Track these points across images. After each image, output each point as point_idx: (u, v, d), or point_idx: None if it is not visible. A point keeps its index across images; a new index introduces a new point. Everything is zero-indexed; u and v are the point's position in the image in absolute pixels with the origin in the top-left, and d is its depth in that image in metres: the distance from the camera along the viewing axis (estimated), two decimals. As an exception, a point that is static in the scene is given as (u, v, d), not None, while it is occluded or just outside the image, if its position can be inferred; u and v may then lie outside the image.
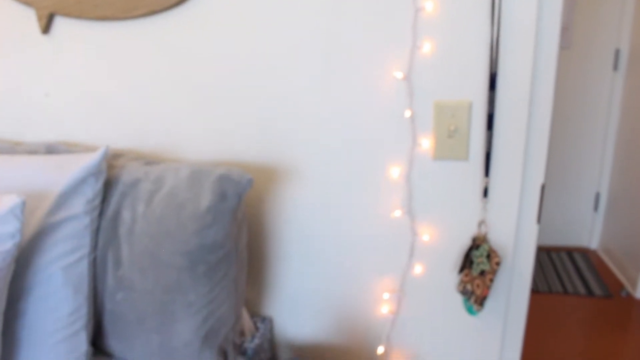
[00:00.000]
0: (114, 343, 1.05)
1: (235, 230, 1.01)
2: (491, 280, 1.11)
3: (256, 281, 1.29)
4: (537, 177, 1.13)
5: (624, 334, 2.45)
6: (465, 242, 1.16)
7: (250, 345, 1.18)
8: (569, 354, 2.33)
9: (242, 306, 1.09)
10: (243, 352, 1.18)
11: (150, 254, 0.98)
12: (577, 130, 3.04)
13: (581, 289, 2.73)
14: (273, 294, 1.29)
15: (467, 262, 1.16)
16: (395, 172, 1.14)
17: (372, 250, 1.20)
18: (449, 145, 1.11)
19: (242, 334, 1.20)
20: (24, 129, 1.32)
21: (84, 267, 0.99)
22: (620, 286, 2.80)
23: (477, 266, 1.14)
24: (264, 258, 1.27)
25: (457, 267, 1.18)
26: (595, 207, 3.12)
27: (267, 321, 1.27)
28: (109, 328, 1.04)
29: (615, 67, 2.92)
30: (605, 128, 3.01)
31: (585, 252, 3.13)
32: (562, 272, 2.88)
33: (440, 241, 1.17)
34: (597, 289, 2.73)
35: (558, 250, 3.17)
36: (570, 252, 3.12)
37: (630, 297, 2.71)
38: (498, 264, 1.11)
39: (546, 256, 3.08)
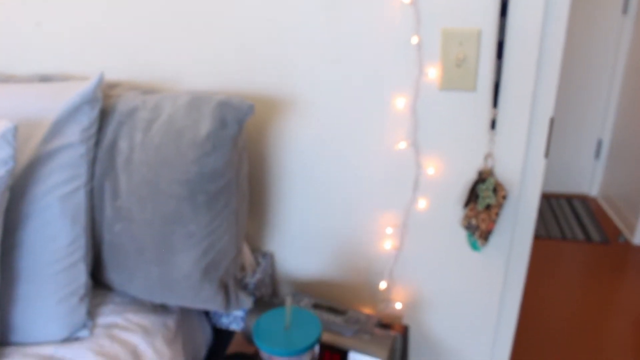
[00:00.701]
0: (113, 275, 1.04)
1: (236, 159, 0.98)
2: (497, 214, 1.09)
3: (257, 216, 1.27)
4: (547, 110, 1.10)
5: (621, 279, 2.47)
6: (470, 176, 1.14)
7: (251, 280, 1.17)
8: (565, 298, 2.35)
9: (243, 239, 1.08)
10: (244, 287, 1.17)
11: (148, 184, 0.96)
12: (582, 75, 2.98)
13: (579, 235, 2.74)
14: (274, 229, 1.28)
15: (472, 196, 1.14)
16: (401, 102, 1.10)
17: (376, 184, 1.18)
18: (457, 74, 1.07)
19: (242, 268, 1.19)
20: (14, 62, 1.27)
21: (81, 198, 0.96)
22: (618, 232, 2.80)
23: (482, 200, 1.12)
24: (265, 192, 1.24)
25: (462, 202, 1.16)
26: (597, 154, 3.09)
27: (268, 256, 1.26)
28: (108, 260, 1.02)
29: (625, 10, 2.84)
30: (611, 73, 2.95)
31: (584, 199, 3.13)
32: (561, 218, 2.88)
33: (445, 175, 1.14)
34: (595, 235, 2.73)
35: (557, 197, 3.16)
36: (569, 199, 3.12)
37: (627, 243, 2.72)
38: (505, 197, 1.09)
39: (545, 202, 3.08)
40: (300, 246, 1.28)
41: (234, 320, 1.21)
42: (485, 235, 1.11)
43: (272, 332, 0.89)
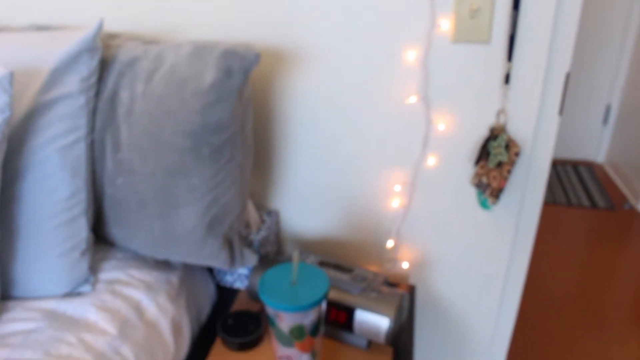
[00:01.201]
0: (115, 231, 1.01)
1: (241, 112, 0.95)
2: (509, 172, 1.07)
3: (262, 172, 1.24)
4: (563, 65, 1.06)
5: (625, 245, 2.45)
6: (482, 133, 1.11)
7: (256, 237, 1.15)
8: (570, 263, 2.34)
9: (248, 195, 1.05)
10: (249, 244, 1.15)
11: (150, 136, 0.93)
12: (592, 39, 2.92)
13: (585, 201, 2.72)
14: (279, 186, 1.25)
15: (483, 153, 1.11)
16: (411, 55, 1.06)
17: (385, 140, 1.15)
18: (471, 26, 1.03)
19: (247, 226, 1.17)
20: (8, 14, 1.22)
21: (81, 150, 0.93)
22: (624, 199, 2.78)
23: (494, 157, 1.09)
24: (271, 148, 1.21)
25: (473, 159, 1.13)
26: (605, 120, 3.05)
27: (274, 214, 1.24)
28: (109, 215, 1.00)
29: (636, -29, 2.77)
30: (622, 37, 2.89)
31: (590, 166, 3.09)
32: (567, 185, 2.85)
33: (455, 131, 1.11)
34: (600, 202, 2.71)
35: (563, 163, 3.13)
36: (575, 165, 3.09)
37: (633, 210, 2.69)
38: (517, 154, 1.06)
39: (551, 168, 3.05)
40: (305, 204, 1.25)
41: (238, 278, 1.19)
42: (496, 193, 1.08)
43: (278, 288, 0.87)
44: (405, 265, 1.26)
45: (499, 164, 1.07)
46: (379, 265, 1.28)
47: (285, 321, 0.86)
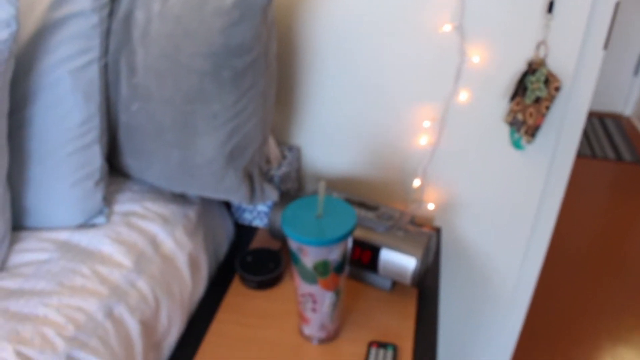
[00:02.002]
0: (130, 161, 0.97)
1: (265, 34, 0.88)
2: (547, 108, 1.00)
3: (283, 105, 1.18)
4: (611, -8, 0.98)
5: (650, 200, 2.39)
6: (519, 67, 1.03)
7: (276, 173, 1.10)
8: (593, 216, 2.29)
9: (270, 126, 1.00)
10: (269, 180, 1.10)
11: (168, 58, 0.86)
12: (625, -15, 2.78)
13: (610, 154, 2.64)
14: (301, 121, 1.19)
15: (519, 88, 1.04)
16: (448, -22, 0.99)
17: (415, 72, 1.08)
18: (514, -54, 0.94)
19: (267, 161, 1.12)
20: None
21: (94, 73, 0.88)
22: (651, 153, 2.70)
23: (531, 93, 1.02)
24: (293, 78, 1.15)
25: (508, 95, 1.06)
26: (636, 71, 2.93)
27: (295, 150, 1.18)
28: (124, 144, 0.95)
29: None
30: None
31: (618, 118, 3.00)
32: (592, 137, 2.77)
33: (491, 64, 1.04)
34: (626, 154, 2.63)
35: (590, 115, 3.03)
36: (602, 117, 2.99)
37: (659, 165, 2.62)
38: (558, 89, 0.99)
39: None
40: (329, 140, 1.19)
41: (258, 216, 1.15)
42: (532, 131, 1.02)
43: (303, 221, 0.82)
44: (430, 206, 1.21)
45: (537, 100, 1.01)
46: (404, 206, 1.24)
47: (310, 256, 0.82)
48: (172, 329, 0.92)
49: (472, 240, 1.24)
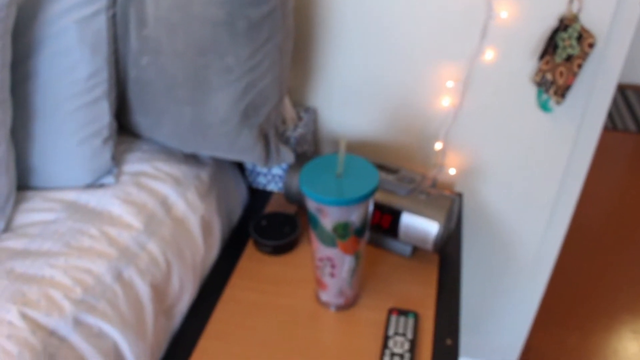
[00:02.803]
0: (140, 119, 0.92)
1: (282, -17, 0.83)
2: (579, 67, 0.94)
3: (300, 65, 1.13)
4: (651, -59, 0.91)
5: (670, 173, 2.32)
6: (549, 23, 0.97)
7: (292, 134, 1.05)
8: (611, 188, 2.23)
9: (287, 84, 0.95)
10: (285, 141, 1.05)
11: (180, 8, 0.81)
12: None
13: (631, 126, 2.56)
14: (319, 81, 1.13)
15: (549, 46, 0.98)
16: None
17: (439, 28, 1.02)
18: None
19: (283, 122, 1.07)
20: None
21: (101, 24, 0.83)
22: (672, 126, 2.62)
23: (562, 51, 0.96)
24: (310, 36, 1.09)
25: (537, 54, 1.00)
26: (657, 40, 2.83)
27: (312, 111, 1.13)
28: (134, 100, 0.90)
29: None
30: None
31: (639, 90, 2.91)
32: (613, 108, 2.69)
33: (519, 20, 0.98)
34: (648, 127, 2.56)
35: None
36: (623, 88, 2.90)
37: (681, 137, 2.54)
38: (592, 45, 0.93)
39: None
40: (346, 101, 1.14)
41: (272, 180, 1.11)
42: (562, 91, 0.96)
43: (322, 180, 0.78)
44: (452, 171, 1.16)
45: (568, 58, 0.95)
46: (425, 170, 1.19)
47: (329, 217, 0.77)
48: (184, 294, 0.88)
49: (494, 207, 1.19)
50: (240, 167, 1.14)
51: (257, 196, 1.14)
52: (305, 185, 0.76)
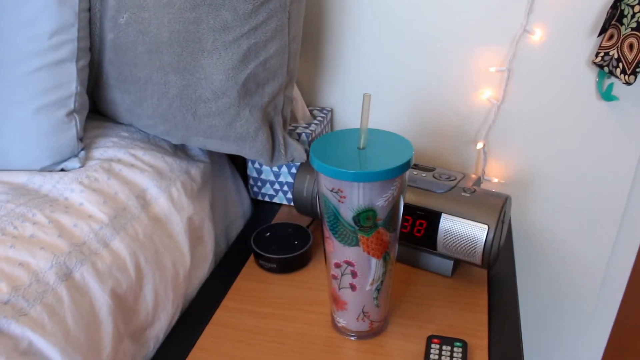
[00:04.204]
0: (118, 95, 0.76)
1: None
2: (655, 35, 0.77)
3: (312, 60, 0.97)
4: None
5: None
6: (611, -9, 0.81)
7: (305, 130, 0.88)
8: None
9: (297, 63, 0.78)
10: (296, 138, 0.88)
11: (165, -49, 0.67)
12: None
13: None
14: (335, 78, 0.97)
15: (611, 18, 0.81)
16: None
17: (474, 5, 0.86)
18: None
19: (294, 119, 0.90)
20: None
21: (71, -29, 0.68)
22: None
23: (630, 20, 0.79)
24: (325, 26, 0.94)
25: (595, 29, 0.84)
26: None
27: (327, 111, 0.96)
28: (111, 72, 0.74)
29: None
30: None
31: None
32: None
33: (576, -12, 0.82)
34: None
35: None
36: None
37: None
38: (669, 7, 0.76)
39: None
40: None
41: (280, 190, 0.92)
42: (634, 68, 0.79)
43: (340, 152, 0.59)
44: (495, 180, 0.97)
45: (639, 28, 0.78)
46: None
47: (349, 201, 0.58)
48: (160, 314, 0.68)
49: (546, 225, 0.99)
50: (242, 173, 0.96)
51: (264, 209, 0.95)
52: (316, 157, 0.58)
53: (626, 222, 0.96)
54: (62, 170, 0.69)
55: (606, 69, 0.83)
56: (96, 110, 0.82)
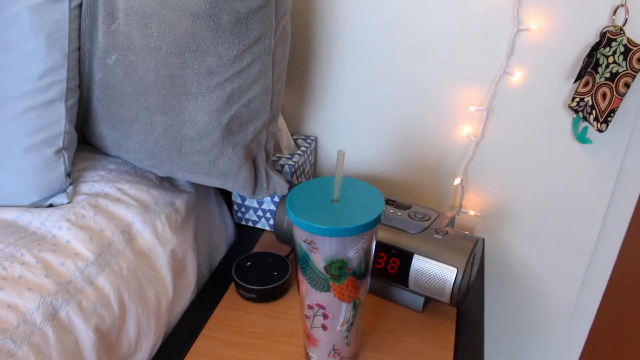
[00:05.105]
0: (106, 131, 0.78)
1: (275, -26, 0.71)
2: (627, 86, 0.80)
3: (297, 88, 0.99)
4: None
5: None
6: (588, 39, 0.84)
7: (287, 162, 0.91)
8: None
9: (281, 100, 0.81)
10: (279, 170, 0.91)
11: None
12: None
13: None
14: (320, 107, 1.00)
15: (587, 66, 0.84)
16: None
17: (457, 45, 0.89)
18: None
19: (278, 150, 0.93)
20: None
21: (62, 13, 0.70)
22: None
23: (604, 69, 0.82)
24: (310, 55, 0.96)
25: (572, 74, 0.87)
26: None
27: (311, 140, 0.99)
28: (99, 109, 0.77)
29: None
30: None
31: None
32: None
33: (553, 34, 0.84)
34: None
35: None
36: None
37: None
38: (641, 61, 0.79)
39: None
40: (351, 130, 1.00)
41: (264, 216, 0.95)
42: (606, 117, 0.82)
43: (314, 205, 0.62)
44: (471, 213, 1.00)
45: (612, 77, 0.81)
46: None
47: (321, 252, 0.61)
48: (142, 344, 0.71)
49: (522, 257, 1.02)
50: (228, 200, 0.99)
51: (246, 234, 0.98)
52: (292, 210, 0.61)
53: (596, 256, 0.99)
54: (51, 205, 0.72)
55: (581, 114, 0.86)
56: (85, 140, 0.84)
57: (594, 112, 0.84)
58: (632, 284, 1.62)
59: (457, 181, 0.97)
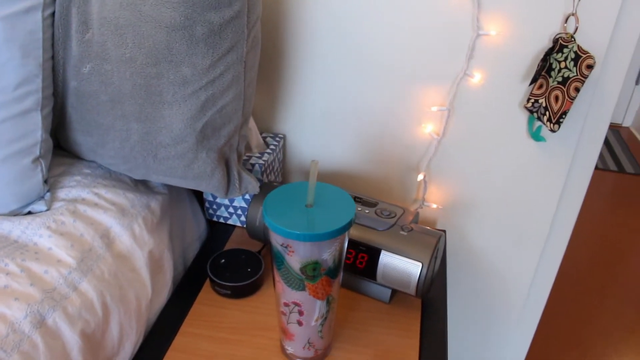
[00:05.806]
0: (81, 138, 0.80)
1: (248, -14, 0.73)
2: (577, 90, 0.85)
3: (267, 87, 1.02)
4: (652, -42, 0.84)
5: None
6: (542, 44, 0.89)
7: (258, 161, 0.94)
8: (595, 228, 2.16)
9: (252, 104, 0.84)
10: (249, 169, 0.94)
11: (129, 8, 0.70)
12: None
13: (612, 166, 2.52)
14: (288, 104, 1.03)
15: (542, 69, 0.89)
16: None
17: (420, 48, 0.93)
18: None
19: (248, 149, 0.96)
20: None
21: (36, 23, 0.71)
22: (650, 166, 2.59)
23: (557, 73, 0.87)
24: (279, 54, 0.99)
25: (528, 76, 0.92)
26: (637, 80, 2.82)
27: (280, 138, 1.02)
28: (74, 116, 0.78)
29: None
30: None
31: (617, 129, 2.89)
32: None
33: (510, 39, 0.89)
34: (627, 166, 2.52)
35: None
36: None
37: (660, 178, 2.51)
38: (590, 67, 0.84)
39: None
40: (318, 128, 1.04)
41: (235, 212, 0.99)
42: (558, 118, 0.88)
43: (289, 211, 0.66)
44: (434, 206, 1.06)
45: (564, 82, 0.86)
46: (404, 205, 1.08)
47: (297, 255, 0.65)
48: (124, 344, 0.74)
49: (481, 246, 1.09)
50: (199, 197, 1.02)
51: (218, 230, 1.01)
52: (269, 216, 0.65)
53: (549, 244, 1.07)
54: (30, 212, 0.73)
55: (535, 114, 0.92)
56: (59, 145, 0.86)
57: (547, 113, 0.89)
58: (579, 270, 1.72)
59: (421, 177, 1.02)
